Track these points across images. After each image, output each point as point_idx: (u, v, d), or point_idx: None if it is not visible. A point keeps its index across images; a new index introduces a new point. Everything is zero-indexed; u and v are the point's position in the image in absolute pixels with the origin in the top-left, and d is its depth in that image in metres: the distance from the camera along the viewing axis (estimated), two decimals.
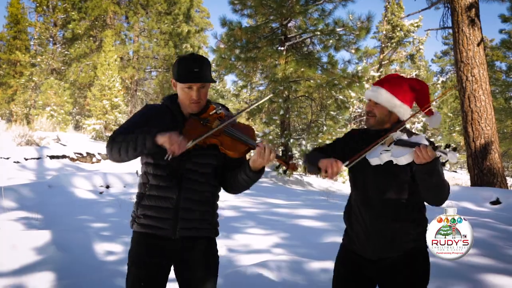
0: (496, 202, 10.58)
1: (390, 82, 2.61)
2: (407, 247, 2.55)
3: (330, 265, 4.59)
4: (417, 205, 2.61)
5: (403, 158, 2.34)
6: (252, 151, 2.43)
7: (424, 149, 2.22)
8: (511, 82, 26.03)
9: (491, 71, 25.12)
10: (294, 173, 17.24)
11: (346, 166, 2.45)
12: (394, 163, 2.40)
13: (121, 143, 2.33)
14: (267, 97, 3.11)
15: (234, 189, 2.60)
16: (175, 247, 2.48)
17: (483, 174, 13.14)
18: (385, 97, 2.57)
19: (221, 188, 2.66)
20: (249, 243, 6.04)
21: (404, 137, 2.47)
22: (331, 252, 4.87)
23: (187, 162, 2.43)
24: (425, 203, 2.58)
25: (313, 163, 2.56)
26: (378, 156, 2.45)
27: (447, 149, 2.20)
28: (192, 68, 2.42)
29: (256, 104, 2.84)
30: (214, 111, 2.54)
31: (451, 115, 37.02)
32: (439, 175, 2.36)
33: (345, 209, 2.78)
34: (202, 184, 2.50)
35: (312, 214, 7.76)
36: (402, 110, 2.59)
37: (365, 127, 2.75)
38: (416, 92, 2.64)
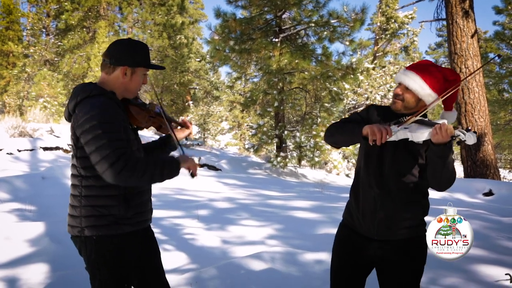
0: (489, 193, 10.64)
1: (426, 70, 2.54)
2: (413, 231, 2.56)
3: (324, 256, 4.61)
4: (426, 190, 2.62)
5: (419, 134, 2.30)
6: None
7: (444, 126, 2.20)
8: (505, 74, 26.06)
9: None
10: (289, 165, 17.26)
11: (394, 132, 2.37)
12: (410, 140, 2.38)
13: (141, 176, 2.23)
14: None
15: None
16: (148, 235, 2.69)
17: (476, 166, 13.22)
18: (419, 85, 2.50)
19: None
20: (243, 234, 6.05)
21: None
22: (325, 243, 4.89)
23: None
24: (431, 184, 2.54)
25: (352, 131, 2.47)
26: (395, 133, 2.40)
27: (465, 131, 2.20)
28: (148, 53, 2.50)
29: None
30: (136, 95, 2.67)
31: None
32: (450, 162, 2.35)
33: (352, 186, 2.74)
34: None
35: (306, 206, 7.77)
36: (431, 98, 2.53)
37: (346, 115, 2.72)
38: (448, 82, 2.57)
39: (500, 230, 6.01)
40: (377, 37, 32.77)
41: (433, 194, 10.26)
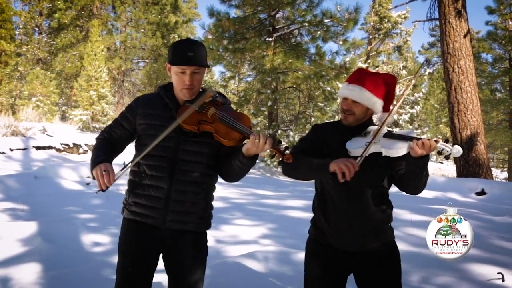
0: (482, 193, 10.70)
1: (368, 80, 2.59)
2: (386, 236, 2.60)
3: None
4: (388, 195, 2.66)
5: (396, 150, 2.34)
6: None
7: (426, 142, 2.24)
8: (497, 73, 26.18)
9: (477, 63, 25.29)
10: None
11: (358, 163, 2.39)
12: (384, 154, 2.42)
13: (92, 155, 2.52)
14: None
15: (230, 177, 2.55)
16: (163, 236, 2.47)
17: (469, 165, 13.28)
18: (366, 96, 2.56)
19: (217, 179, 2.63)
20: (236, 234, 6.05)
21: (386, 129, 2.51)
22: None
23: (180, 152, 2.42)
24: (403, 189, 2.59)
25: (318, 168, 2.47)
26: (362, 147, 2.45)
27: (449, 144, 2.24)
28: (186, 52, 2.38)
29: None
30: (211, 98, 2.51)
31: (437, 106, 37.25)
32: (427, 168, 2.40)
33: (316, 202, 2.72)
34: (195, 174, 2.47)
35: (299, 205, 7.78)
36: (378, 105, 2.61)
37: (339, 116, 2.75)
38: (388, 86, 2.66)
39: (492, 229, 6.05)
40: (371, 36, 32.83)
41: (426, 193, 10.33)
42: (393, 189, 2.67)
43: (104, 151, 2.50)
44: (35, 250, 4.79)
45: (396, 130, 2.59)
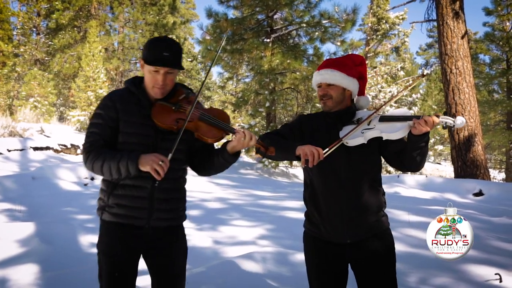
0: (479, 193, 10.71)
1: (335, 62, 2.64)
2: (380, 225, 2.59)
3: None
4: (380, 182, 2.66)
5: (397, 132, 2.36)
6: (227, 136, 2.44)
7: (428, 118, 2.26)
8: (495, 75, 26.23)
9: (475, 64, 25.33)
10: (280, 165, 17.27)
11: (325, 153, 2.40)
12: (385, 139, 2.43)
13: (102, 166, 2.31)
14: None
15: (207, 171, 2.59)
16: (148, 234, 2.46)
17: (466, 166, 13.29)
18: (337, 76, 2.58)
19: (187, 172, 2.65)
20: (234, 235, 6.05)
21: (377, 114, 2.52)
22: None
23: (159, 150, 2.36)
24: (405, 168, 2.59)
25: (286, 150, 2.49)
26: (360, 136, 2.45)
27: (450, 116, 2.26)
28: (162, 51, 2.34)
29: None
30: (184, 95, 2.51)
31: (435, 107, 37.27)
32: (428, 144, 2.43)
33: (306, 196, 2.73)
34: (175, 171, 2.48)
35: (297, 206, 7.77)
36: (353, 85, 2.63)
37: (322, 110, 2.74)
38: (358, 66, 2.68)
39: (490, 230, 6.06)
40: (368, 37, 32.83)
41: (423, 194, 10.34)
42: (390, 189, 2.68)
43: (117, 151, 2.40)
44: (32, 251, 4.79)
45: (389, 111, 2.59)
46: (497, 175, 29.07)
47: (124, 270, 2.45)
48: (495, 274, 4.24)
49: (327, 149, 2.42)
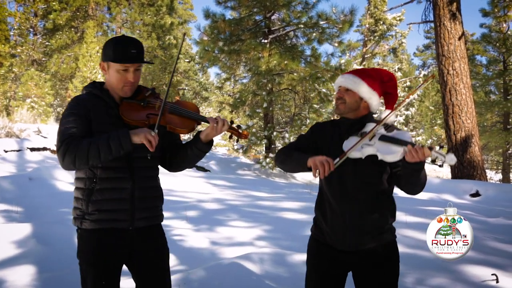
0: (476, 194, 10.74)
1: (363, 71, 2.65)
2: (385, 237, 2.59)
3: None
4: (391, 194, 2.66)
5: (391, 155, 2.35)
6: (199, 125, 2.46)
7: (420, 149, 2.23)
8: (491, 76, 26.29)
9: (472, 65, 25.39)
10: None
11: (336, 164, 2.42)
12: (379, 158, 2.42)
13: (88, 150, 2.22)
14: None
15: (180, 166, 2.62)
16: (132, 237, 2.45)
17: (463, 167, 13.33)
18: (358, 84, 2.58)
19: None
20: (232, 235, 6.05)
21: (382, 131, 2.50)
22: None
23: (136, 149, 2.33)
24: (403, 190, 2.59)
25: (298, 162, 2.53)
26: (359, 150, 2.46)
27: (441, 150, 2.23)
28: (129, 49, 2.36)
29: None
30: (150, 91, 2.52)
31: (432, 108, 37.34)
32: (424, 169, 2.40)
33: (317, 203, 2.76)
34: (152, 169, 2.50)
35: (295, 207, 7.78)
36: (372, 97, 2.60)
37: (335, 117, 2.75)
38: (384, 82, 2.66)
39: (486, 230, 6.07)
40: (366, 38, 32.92)
41: (421, 195, 10.36)
42: None
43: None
44: (29, 252, 4.78)
45: (392, 132, 2.58)
46: (493, 176, 29.17)
47: (110, 277, 2.44)
48: (492, 274, 4.25)
49: (337, 159, 2.44)
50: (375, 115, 2.77)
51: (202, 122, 2.45)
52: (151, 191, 2.51)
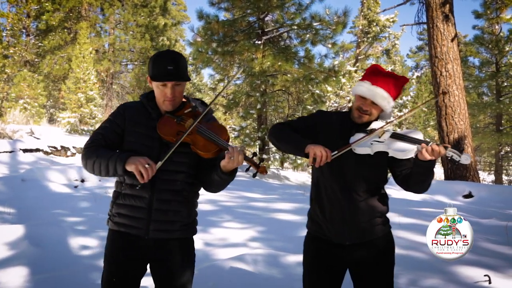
0: (469, 195, 10.77)
1: (390, 84, 2.61)
2: (382, 229, 2.64)
3: None
4: (384, 188, 2.71)
5: (404, 153, 2.38)
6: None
7: (436, 148, 2.26)
8: (484, 77, 26.41)
9: (465, 67, 25.50)
10: (271, 166, 17.27)
11: (333, 156, 2.44)
12: (390, 155, 2.46)
13: (93, 162, 2.36)
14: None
15: (211, 187, 2.57)
16: (148, 246, 2.47)
17: (456, 168, 13.36)
18: (387, 100, 2.58)
19: (200, 186, 2.62)
20: (225, 237, 6.04)
21: (391, 128, 2.53)
22: None
23: (164, 162, 2.37)
24: (409, 189, 2.62)
25: (296, 145, 2.54)
26: (369, 146, 2.48)
27: (456, 151, 2.28)
28: (166, 66, 2.36)
29: None
30: (190, 109, 2.51)
31: (425, 109, 37.47)
32: (433, 169, 2.44)
33: (312, 195, 2.76)
34: (176, 183, 2.47)
35: (288, 208, 7.79)
36: (390, 107, 2.63)
37: (338, 110, 2.76)
38: (401, 89, 2.69)
39: (479, 231, 6.09)
40: (359, 40, 33.01)
41: (413, 196, 10.38)
42: None
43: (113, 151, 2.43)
44: (22, 253, 4.75)
45: (401, 130, 2.60)
46: (486, 177, 29.31)
47: (123, 278, 2.48)
48: (485, 275, 4.27)
49: (335, 151, 2.46)
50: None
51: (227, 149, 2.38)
52: (170, 204, 2.46)
